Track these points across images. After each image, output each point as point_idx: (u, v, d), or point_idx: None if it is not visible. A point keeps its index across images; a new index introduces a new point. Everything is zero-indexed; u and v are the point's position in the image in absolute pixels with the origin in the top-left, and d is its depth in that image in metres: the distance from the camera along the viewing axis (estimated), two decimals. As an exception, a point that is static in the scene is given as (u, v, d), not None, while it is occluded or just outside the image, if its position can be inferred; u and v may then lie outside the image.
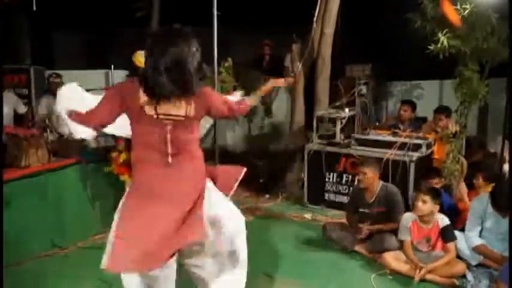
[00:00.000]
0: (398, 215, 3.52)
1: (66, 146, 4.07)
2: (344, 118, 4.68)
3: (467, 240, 3.31)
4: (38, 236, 3.64)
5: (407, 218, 3.37)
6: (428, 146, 4.36)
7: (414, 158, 4.15)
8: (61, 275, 3.28)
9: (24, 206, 3.53)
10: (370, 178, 3.66)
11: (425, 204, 3.24)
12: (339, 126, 4.65)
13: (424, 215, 3.27)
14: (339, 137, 4.66)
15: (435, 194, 3.29)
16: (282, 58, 6.88)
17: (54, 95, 5.04)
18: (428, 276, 3.15)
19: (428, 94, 6.40)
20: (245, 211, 4.67)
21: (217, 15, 4.24)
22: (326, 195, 4.75)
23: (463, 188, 4.21)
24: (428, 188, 3.41)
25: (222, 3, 4.23)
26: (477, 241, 3.27)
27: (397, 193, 3.69)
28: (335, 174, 4.67)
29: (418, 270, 3.14)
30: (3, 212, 2.79)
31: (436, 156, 4.55)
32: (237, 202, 5.00)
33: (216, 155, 4.53)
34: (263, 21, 7.94)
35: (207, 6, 4.23)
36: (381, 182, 3.75)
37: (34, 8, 4.72)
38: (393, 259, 3.33)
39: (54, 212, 3.78)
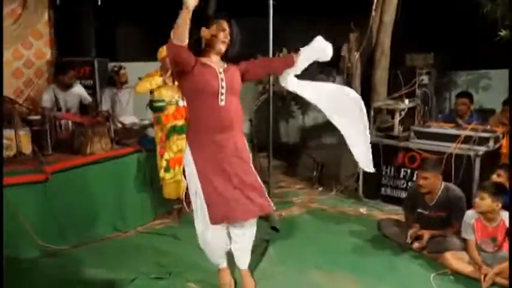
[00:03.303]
0: (458, 221, 3.29)
1: (127, 135, 4.25)
2: (403, 110, 4.50)
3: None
4: (100, 220, 3.82)
5: (470, 216, 3.18)
6: (496, 139, 4.08)
7: (480, 153, 3.90)
8: (120, 258, 3.43)
9: (88, 191, 3.73)
10: (432, 183, 3.45)
11: (484, 201, 3.03)
12: (397, 118, 4.48)
13: (485, 211, 3.07)
14: (398, 130, 4.49)
15: (495, 190, 3.06)
16: (338, 47, 6.72)
17: (119, 86, 5.30)
18: (495, 279, 2.95)
19: (496, 84, 5.99)
20: (298, 204, 4.67)
21: (273, 4, 4.21)
22: (382, 189, 4.61)
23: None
24: (488, 184, 3.18)
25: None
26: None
27: (461, 198, 3.46)
28: (393, 168, 4.51)
29: (483, 275, 2.94)
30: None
31: (504, 150, 4.25)
32: (290, 194, 5.07)
33: (270, 147, 4.53)
34: (320, 10, 7.79)
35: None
36: (443, 184, 3.52)
37: (99, 2, 4.91)
38: (455, 259, 3.15)
39: (115, 197, 3.95)
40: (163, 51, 3.73)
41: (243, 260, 2.81)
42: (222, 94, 2.50)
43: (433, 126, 4.41)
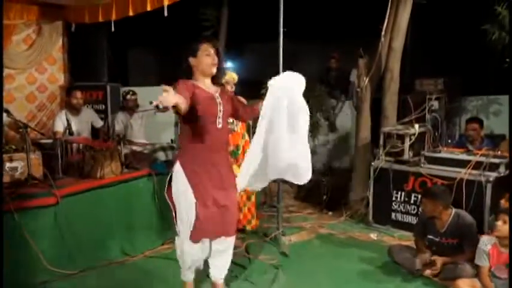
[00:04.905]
0: (470, 248, 3.26)
1: (138, 159, 4.28)
2: (413, 135, 4.49)
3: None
4: (110, 244, 3.81)
5: (486, 242, 3.11)
6: (507, 165, 4.05)
7: (491, 179, 3.86)
8: (128, 283, 3.42)
9: (98, 215, 3.74)
10: (431, 211, 3.47)
11: (506, 225, 2.98)
12: (407, 143, 4.47)
13: (504, 236, 3.01)
14: (408, 155, 4.47)
15: None
16: (348, 72, 6.77)
17: (130, 111, 5.39)
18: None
19: (506, 109, 5.94)
20: (307, 228, 4.63)
21: (284, 31, 4.27)
22: (393, 214, 4.56)
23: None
24: (506, 208, 3.14)
25: (289, 18, 4.25)
26: None
27: (472, 224, 3.43)
28: (403, 193, 4.47)
29: None
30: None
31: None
32: (299, 218, 5.03)
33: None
34: (330, 35, 7.90)
35: (273, 21, 4.27)
36: (453, 210, 3.50)
37: (112, 29, 5.03)
38: (468, 286, 3.08)
39: (125, 221, 3.95)
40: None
41: (221, 272, 2.94)
42: (219, 118, 2.67)
43: (443, 152, 4.39)
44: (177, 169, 2.69)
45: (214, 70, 2.67)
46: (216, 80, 2.76)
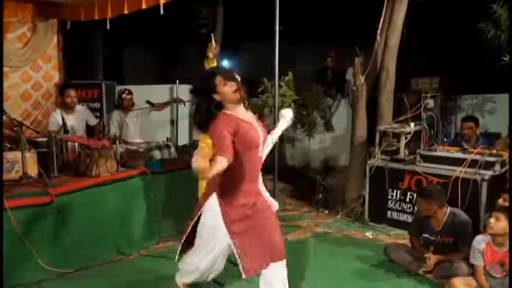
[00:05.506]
0: (466, 247, 3.25)
1: (133, 157, 4.26)
2: (409, 133, 4.50)
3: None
4: (105, 243, 3.80)
5: (480, 240, 3.13)
6: (503, 163, 4.06)
7: (486, 177, 3.88)
8: (124, 282, 3.40)
9: (93, 213, 3.73)
10: (425, 210, 3.48)
11: (499, 222, 2.98)
12: (403, 142, 4.48)
13: (497, 234, 3.01)
14: (403, 153, 4.48)
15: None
16: (344, 71, 6.79)
17: (125, 110, 5.39)
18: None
19: (501, 108, 5.98)
20: (304, 227, 4.63)
21: (279, 30, 4.27)
22: (388, 213, 4.57)
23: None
24: (505, 206, 3.15)
25: (285, 17, 4.25)
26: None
27: (467, 223, 3.44)
28: (398, 192, 4.48)
29: None
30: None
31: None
32: (295, 217, 5.03)
33: (275, 170, 4.53)
34: (326, 34, 7.91)
35: (269, 21, 4.27)
36: (449, 209, 3.51)
37: (108, 27, 5.01)
38: (463, 285, 3.09)
39: (120, 220, 3.94)
40: None
41: None
42: (261, 146, 2.62)
43: (439, 150, 4.40)
44: (214, 202, 2.56)
45: (238, 95, 2.57)
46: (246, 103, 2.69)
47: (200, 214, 2.61)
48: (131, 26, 6.52)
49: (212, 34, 4.14)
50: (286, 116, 2.97)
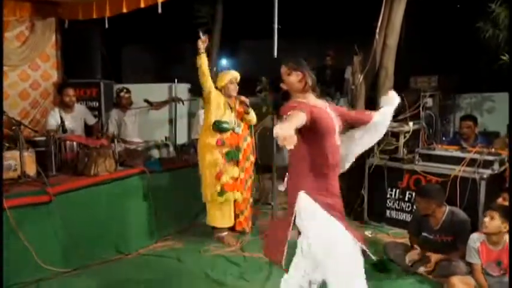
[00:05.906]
0: (464, 245, 3.25)
1: (131, 156, 4.26)
2: (408, 132, 4.50)
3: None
4: (103, 242, 3.79)
5: (475, 239, 3.14)
6: (502, 162, 4.06)
7: (485, 176, 3.88)
8: (122, 282, 3.40)
9: (91, 212, 3.72)
10: (424, 208, 3.49)
11: (493, 221, 2.99)
12: (402, 141, 4.48)
13: (492, 233, 3.02)
14: (402, 152, 4.48)
15: (506, 212, 3.04)
16: (343, 70, 6.78)
17: (124, 108, 5.39)
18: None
19: (500, 107, 5.99)
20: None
21: (278, 28, 4.26)
22: (387, 212, 4.57)
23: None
24: (500, 205, 3.16)
25: (284, 15, 4.24)
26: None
27: (466, 221, 3.44)
28: (397, 191, 4.49)
29: None
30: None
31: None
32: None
33: (274, 169, 4.52)
34: (325, 32, 7.90)
35: (267, 19, 4.27)
36: (447, 208, 3.51)
37: (106, 26, 5.00)
38: (462, 284, 3.09)
39: (119, 219, 3.93)
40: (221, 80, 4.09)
41: None
42: (338, 133, 2.55)
43: (437, 149, 4.40)
44: (306, 199, 2.50)
45: (302, 85, 2.53)
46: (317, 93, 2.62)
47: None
48: (130, 24, 6.49)
49: (199, 30, 4.14)
50: (393, 100, 2.81)
